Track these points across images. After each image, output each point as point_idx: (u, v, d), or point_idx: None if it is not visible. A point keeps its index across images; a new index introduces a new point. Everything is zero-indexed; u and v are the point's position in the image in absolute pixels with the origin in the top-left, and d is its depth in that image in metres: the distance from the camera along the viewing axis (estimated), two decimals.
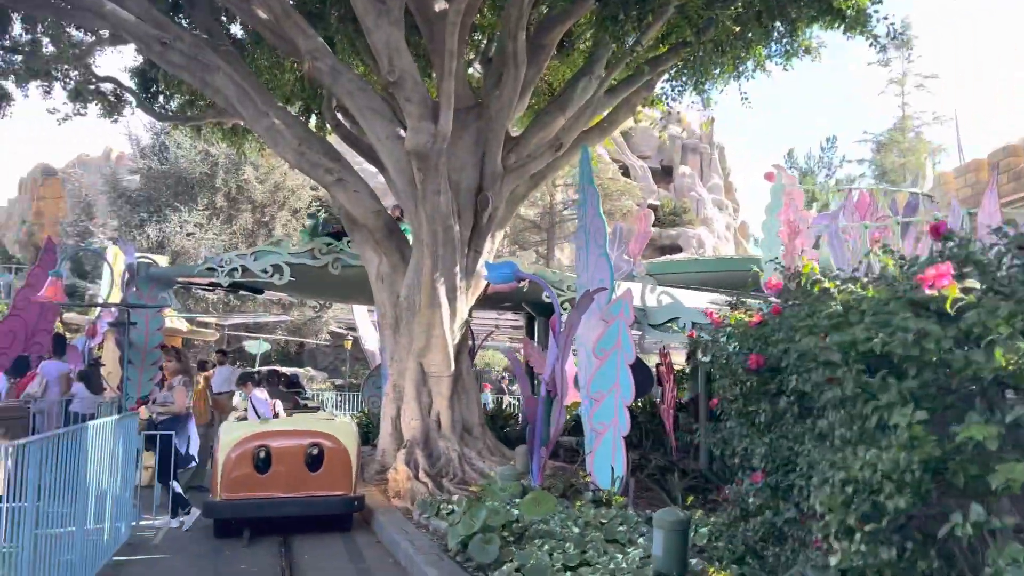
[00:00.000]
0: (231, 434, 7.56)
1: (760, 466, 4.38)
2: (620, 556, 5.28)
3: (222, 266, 11.92)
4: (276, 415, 9.26)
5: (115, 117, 13.87)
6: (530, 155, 10.58)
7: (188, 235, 24.03)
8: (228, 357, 16.03)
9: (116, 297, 13.25)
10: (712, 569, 4.71)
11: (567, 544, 5.53)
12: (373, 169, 12.31)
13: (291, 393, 10.03)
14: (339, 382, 29.52)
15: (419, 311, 9.92)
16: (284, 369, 17.41)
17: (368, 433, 13.59)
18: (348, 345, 28.80)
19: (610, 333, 7.83)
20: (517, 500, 6.39)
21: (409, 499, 8.17)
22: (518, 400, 18.59)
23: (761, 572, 4.43)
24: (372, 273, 10.90)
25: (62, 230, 27.84)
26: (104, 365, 13.79)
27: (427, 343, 9.89)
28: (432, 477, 8.83)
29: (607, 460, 7.73)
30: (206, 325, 21.28)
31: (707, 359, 4.73)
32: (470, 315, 10.71)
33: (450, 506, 7.24)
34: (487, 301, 11.53)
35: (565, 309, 10.78)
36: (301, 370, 26.82)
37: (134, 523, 7.50)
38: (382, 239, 10.56)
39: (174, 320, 16.47)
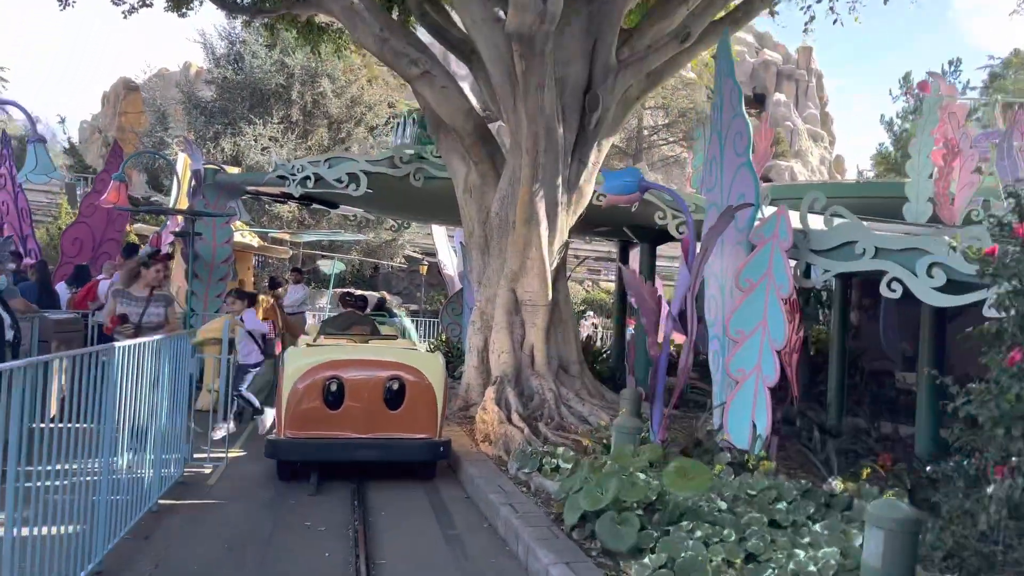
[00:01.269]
0: (298, 362, 6.42)
1: None
2: (802, 554, 3.90)
3: (294, 174, 10.76)
4: (267, 340, 8.30)
5: (183, 11, 12.66)
6: (650, 47, 8.88)
7: (263, 149, 23.12)
8: (303, 276, 15.11)
9: (183, 206, 12.33)
10: None
11: (723, 529, 4.18)
12: (462, 72, 10.86)
13: (370, 316, 8.88)
14: (414, 308, 28.76)
15: (513, 229, 8.54)
16: (369, 294, 16.44)
17: (447, 364, 12.51)
18: (423, 270, 27.87)
19: (758, 260, 6.29)
20: (646, 462, 5.04)
21: (502, 446, 6.96)
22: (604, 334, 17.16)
23: None
24: (459, 185, 9.54)
25: (139, 142, 27.38)
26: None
27: (521, 266, 8.54)
28: (527, 421, 7.59)
29: (746, 414, 6.31)
30: (280, 242, 20.50)
31: (1009, 286, 3.18)
32: (569, 238, 9.27)
33: (554, 460, 5.98)
34: (578, 224, 10.09)
35: (682, 234, 9.25)
36: (376, 294, 26.05)
37: (188, 460, 6.51)
38: (472, 145, 9.15)
39: (245, 235, 15.58)
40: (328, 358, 6.45)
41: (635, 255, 14.06)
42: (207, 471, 6.53)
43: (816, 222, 6.32)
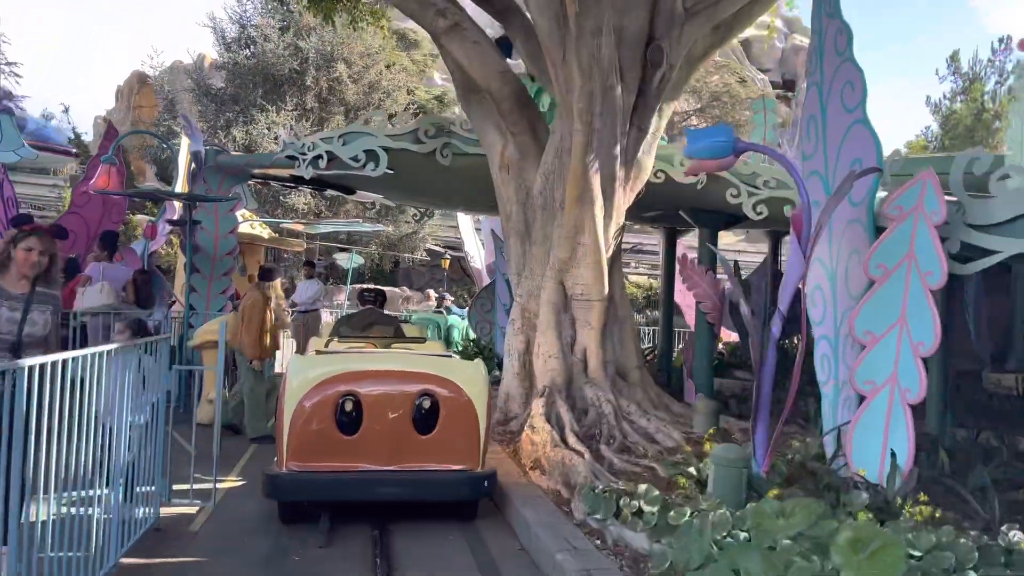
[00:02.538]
0: (304, 373, 5.08)
1: None
2: None
3: (304, 153, 9.42)
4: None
5: None
6: None
7: (276, 138, 21.87)
8: (316, 269, 13.82)
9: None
10: None
11: None
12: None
13: (392, 315, 7.53)
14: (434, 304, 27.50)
15: (561, 210, 7.16)
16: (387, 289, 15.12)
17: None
18: (445, 264, 26.57)
19: (895, 240, 4.85)
20: (796, 525, 3.59)
21: (559, 476, 5.58)
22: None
23: None
24: (494, 161, 8.16)
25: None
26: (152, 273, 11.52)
27: (571, 254, 7.16)
28: (585, 441, 6.21)
29: (877, 438, 4.89)
30: (295, 235, 19.25)
31: None
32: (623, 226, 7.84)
33: (634, 502, 4.59)
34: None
35: (760, 215, 7.83)
36: (397, 289, 24.79)
37: (166, 498, 5.19)
38: (510, 111, 7.77)
39: (255, 226, 14.33)
40: (342, 369, 5.10)
41: (680, 245, 12.67)
42: (192, 510, 5.22)
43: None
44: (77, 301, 8.72)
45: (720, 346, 14.62)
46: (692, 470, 5.05)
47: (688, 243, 13.19)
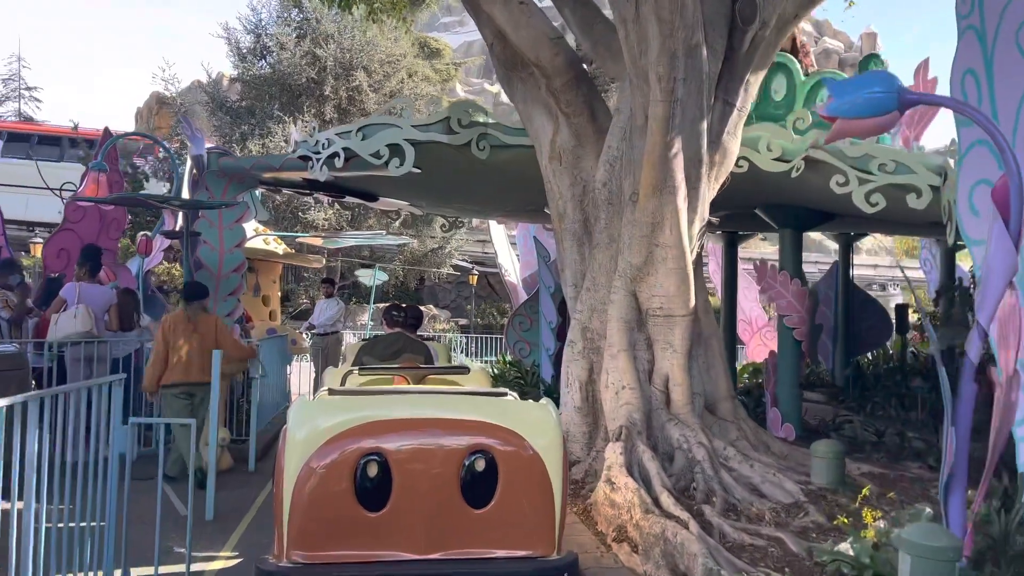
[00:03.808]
0: (311, 424, 3.67)
1: None
2: None
3: (318, 152, 8.14)
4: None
5: None
6: None
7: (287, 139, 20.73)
8: (335, 287, 12.50)
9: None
10: None
11: None
12: None
13: (423, 341, 6.12)
14: (463, 322, 26.10)
15: (632, 204, 5.75)
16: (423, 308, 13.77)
17: (521, 393, 9.74)
18: (473, 280, 25.25)
19: None
20: None
21: (659, 557, 4.11)
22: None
23: None
24: (543, 150, 6.78)
25: (162, 150, 25.24)
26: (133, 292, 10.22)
27: (648, 258, 5.74)
28: (680, 500, 4.75)
29: None
30: (314, 251, 17.99)
31: None
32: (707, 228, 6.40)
33: None
34: None
35: (875, 205, 6.34)
36: (422, 307, 23.47)
37: None
38: (563, 88, 6.39)
39: (269, 241, 13.05)
40: (363, 417, 3.68)
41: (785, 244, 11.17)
42: None
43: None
44: (51, 329, 7.45)
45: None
46: (864, 557, 3.56)
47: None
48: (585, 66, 6.85)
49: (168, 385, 6.50)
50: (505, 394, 4.33)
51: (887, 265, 33.17)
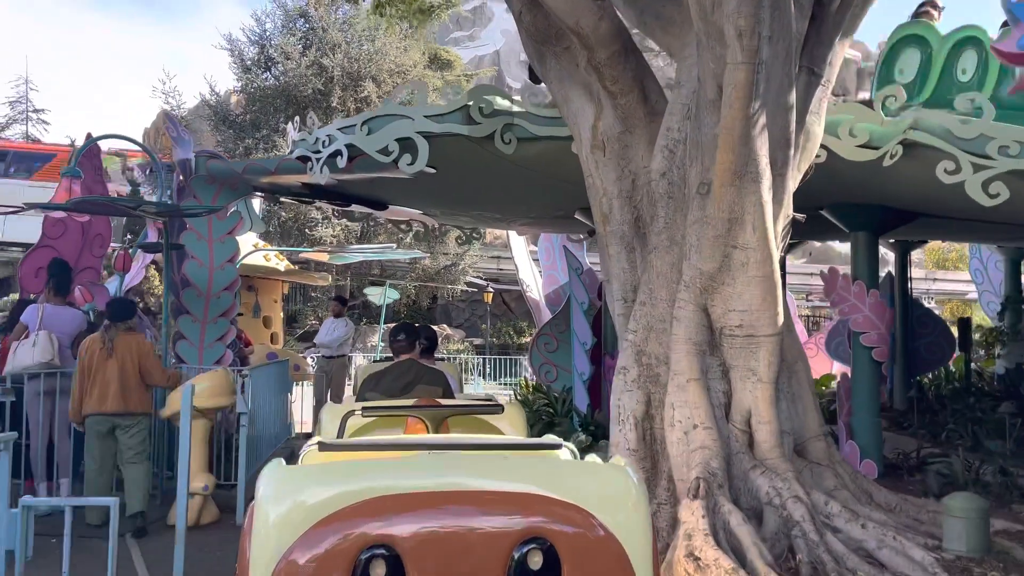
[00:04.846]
0: (292, 500, 2.52)
1: None
2: None
3: (318, 151, 7.11)
4: None
5: None
6: None
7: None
8: (345, 307, 11.39)
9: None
10: None
11: None
12: None
13: (440, 371, 4.96)
14: (478, 342, 24.97)
15: (701, 197, 4.62)
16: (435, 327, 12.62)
17: (548, 424, 8.57)
18: (488, 298, 24.18)
19: None
20: None
21: None
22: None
23: None
24: (583, 138, 5.65)
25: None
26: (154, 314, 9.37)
27: (724, 263, 4.60)
28: (780, 572, 3.59)
29: None
30: (322, 268, 16.94)
31: None
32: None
33: None
34: None
35: (995, 196, 5.17)
36: (435, 327, 22.35)
37: None
38: (608, 63, 5.27)
39: (270, 257, 12.00)
40: (364, 489, 2.53)
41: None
42: None
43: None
44: (8, 359, 6.39)
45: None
46: None
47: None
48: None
49: (86, 416, 5.86)
50: (558, 446, 3.17)
51: (920, 277, 31.88)
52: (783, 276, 5.68)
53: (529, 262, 13.30)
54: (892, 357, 11.24)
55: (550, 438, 3.43)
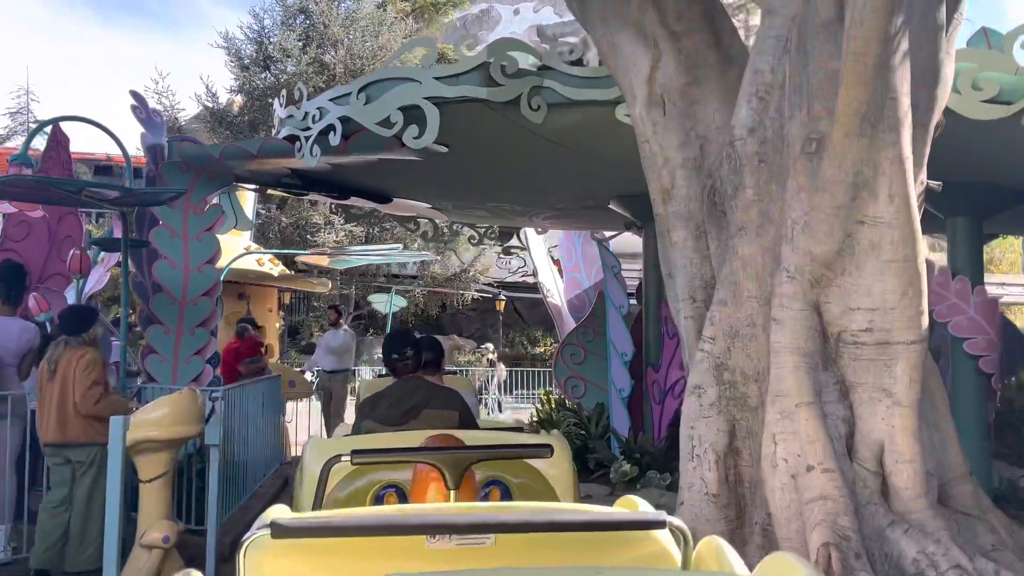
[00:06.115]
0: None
1: None
2: None
3: (308, 127, 6.00)
4: None
5: None
6: None
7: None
8: (341, 315, 10.21)
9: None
10: None
11: None
12: None
13: (454, 390, 3.76)
14: (491, 355, 23.77)
15: (807, 156, 3.41)
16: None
17: (581, 449, 7.35)
18: (500, 307, 23.00)
19: None
20: None
21: None
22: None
23: None
24: (636, 92, 4.42)
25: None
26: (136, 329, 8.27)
27: (846, 244, 3.38)
28: None
29: None
30: (323, 272, 15.76)
31: None
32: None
33: None
34: None
35: None
36: (443, 338, 21.16)
37: None
38: (669, 2, 4.10)
39: (263, 261, 10.83)
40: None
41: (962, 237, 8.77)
42: None
43: None
44: None
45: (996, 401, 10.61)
46: None
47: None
48: None
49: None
50: (663, 524, 1.95)
51: None
52: None
53: (549, 265, 12.10)
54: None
55: (639, 504, 2.24)
